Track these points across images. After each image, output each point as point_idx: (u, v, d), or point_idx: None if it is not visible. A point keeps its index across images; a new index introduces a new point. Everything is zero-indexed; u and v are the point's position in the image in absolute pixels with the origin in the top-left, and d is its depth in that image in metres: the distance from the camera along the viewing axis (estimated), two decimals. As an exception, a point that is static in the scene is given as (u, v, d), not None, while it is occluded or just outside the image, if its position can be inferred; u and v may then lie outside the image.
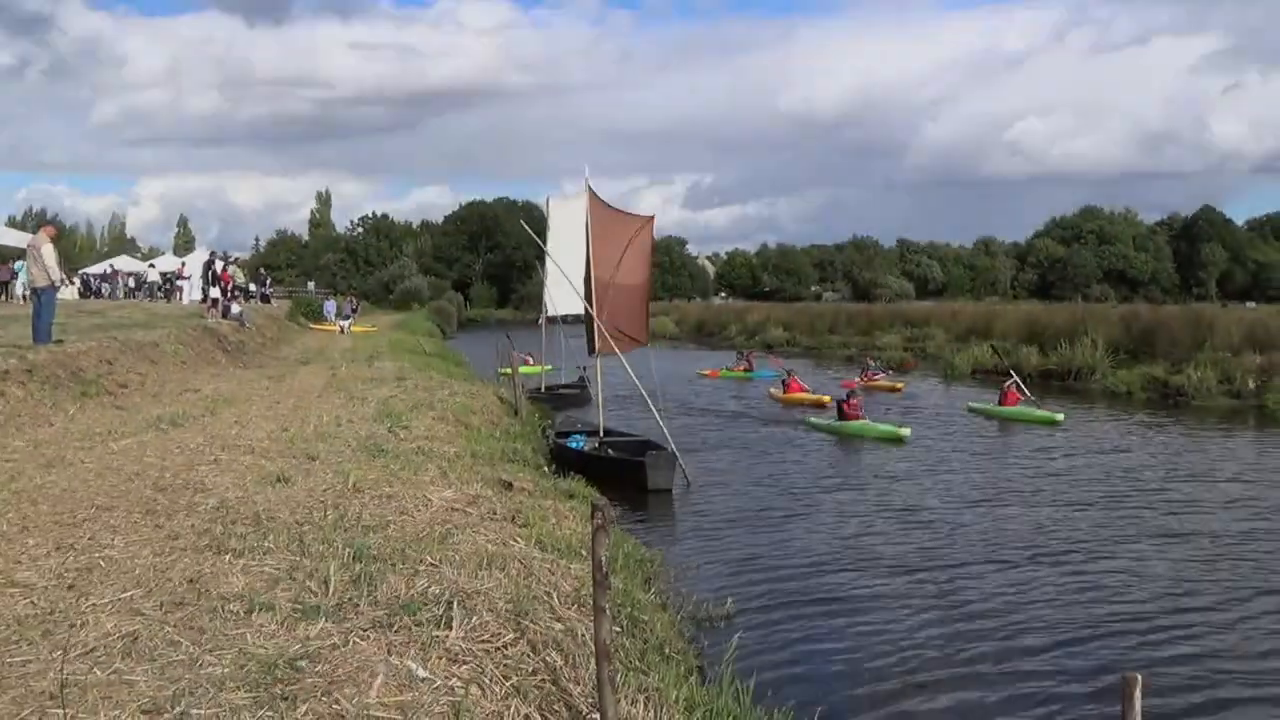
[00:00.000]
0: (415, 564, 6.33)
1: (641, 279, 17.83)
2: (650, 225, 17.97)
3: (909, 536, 12.02)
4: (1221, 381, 26.38)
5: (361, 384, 17.60)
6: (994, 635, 8.52)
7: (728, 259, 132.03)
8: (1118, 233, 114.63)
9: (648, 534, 11.80)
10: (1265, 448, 18.91)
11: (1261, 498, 14.09)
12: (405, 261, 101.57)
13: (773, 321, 59.92)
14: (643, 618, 7.14)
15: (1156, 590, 9.85)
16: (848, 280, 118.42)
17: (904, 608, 9.25)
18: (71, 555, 6.17)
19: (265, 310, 38.24)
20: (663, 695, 5.44)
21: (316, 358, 26.30)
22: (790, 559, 11.00)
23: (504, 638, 5.29)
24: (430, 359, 29.31)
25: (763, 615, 9.02)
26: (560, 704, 4.81)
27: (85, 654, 4.61)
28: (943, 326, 46.89)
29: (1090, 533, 12.14)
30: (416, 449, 11.11)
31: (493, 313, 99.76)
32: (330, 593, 5.63)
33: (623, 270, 17.09)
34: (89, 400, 13.15)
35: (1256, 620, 8.99)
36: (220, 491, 8.12)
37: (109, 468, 8.99)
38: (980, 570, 10.51)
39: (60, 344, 15.29)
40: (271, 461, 9.57)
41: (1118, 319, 34.72)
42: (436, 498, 8.61)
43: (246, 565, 6.07)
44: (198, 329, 23.16)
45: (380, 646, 4.87)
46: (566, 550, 7.80)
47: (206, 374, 19.01)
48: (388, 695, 4.33)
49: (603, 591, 4.55)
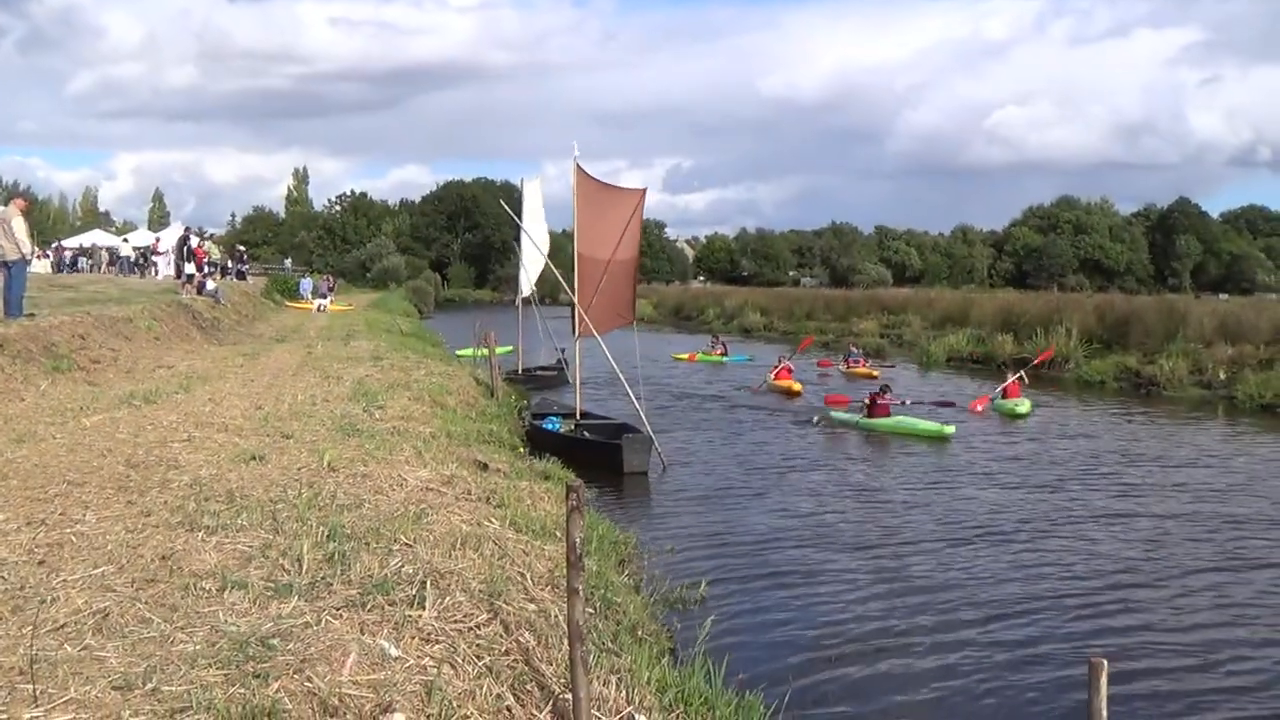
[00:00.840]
0: (389, 543, 6.33)
1: (631, 254, 17.59)
2: (643, 199, 17.49)
3: (879, 519, 12.11)
4: (1193, 372, 26.61)
5: (337, 363, 17.53)
6: (963, 617, 8.61)
7: (706, 243, 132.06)
8: (1094, 223, 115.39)
9: (622, 516, 11.84)
10: (1231, 438, 19.13)
11: (1223, 485, 14.26)
12: (383, 241, 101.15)
13: (751, 306, 60.00)
14: (616, 599, 7.18)
15: (1119, 573, 9.97)
16: (825, 266, 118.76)
17: (875, 589, 9.34)
18: (42, 531, 6.13)
19: (240, 287, 37.96)
20: (635, 676, 5.47)
21: (292, 336, 26.16)
22: (763, 541, 11.06)
23: (477, 618, 5.30)
24: (407, 339, 29.20)
25: (736, 597, 9.08)
26: (532, 684, 4.83)
27: (55, 630, 4.59)
28: (919, 314, 47.05)
29: (1053, 515, 12.25)
30: (392, 429, 11.09)
31: (470, 293, 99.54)
32: (303, 571, 5.63)
33: (622, 247, 16.86)
34: (61, 375, 13.03)
35: (1218, 601, 9.12)
36: (193, 469, 8.08)
37: (81, 443, 8.93)
38: (951, 553, 10.60)
39: (32, 318, 15.13)
40: (245, 439, 9.53)
41: (1092, 309, 34.91)
42: (411, 477, 8.60)
43: (219, 543, 6.05)
44: (172, 305, 22.98)
45: (353, 625, 4.87)
46: (541, 531, 7.83)
47: (180, 350, 18.87)
48: (360, 674, 4.34)
49: (576, 573, 4.57)
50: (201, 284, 29.51)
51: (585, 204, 16.65)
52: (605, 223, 16.82)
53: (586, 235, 16.78)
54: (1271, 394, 22.96)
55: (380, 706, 4.10)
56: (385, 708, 4.09)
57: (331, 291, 47.54)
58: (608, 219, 16.85)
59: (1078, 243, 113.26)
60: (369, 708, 4.08)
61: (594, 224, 16.78)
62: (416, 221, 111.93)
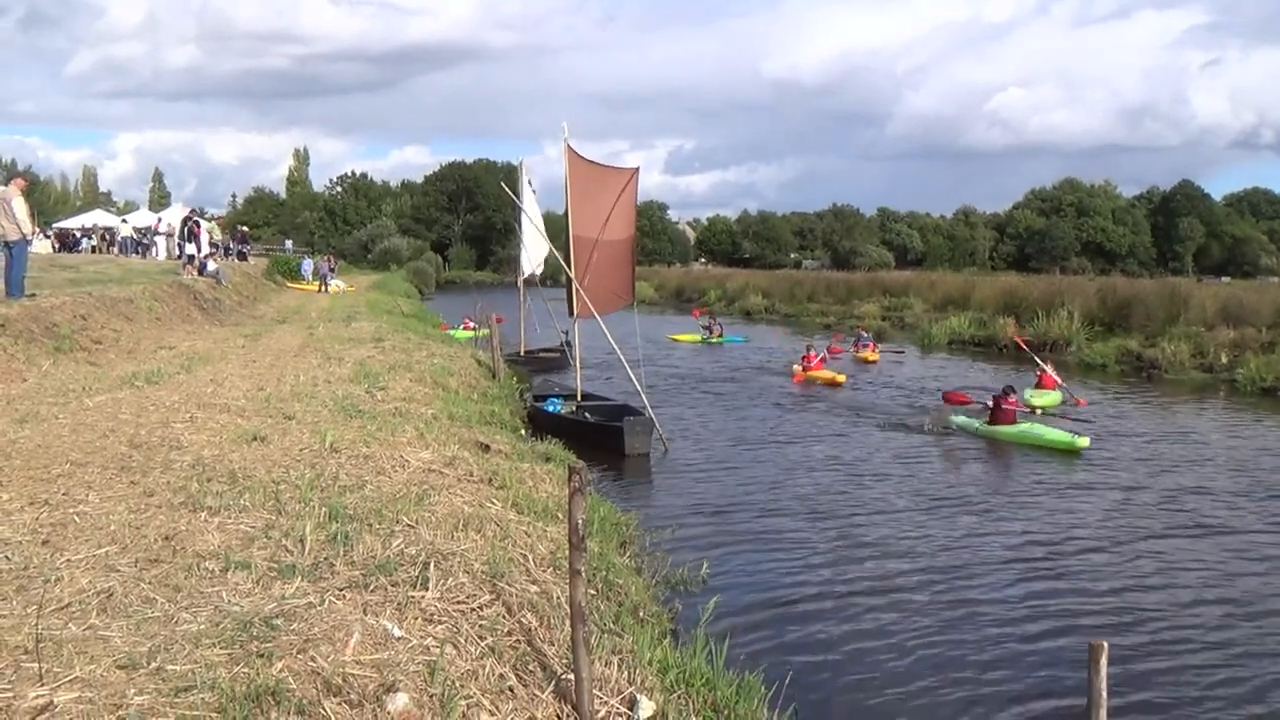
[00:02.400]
0: (392, 524, 6.34)
1: (627, 234, 17.55)
2: (635, 178, 17.53)
3: (883, 499, 12.11)
4: (1194, 355, 26.61)
5: (339, 344, 17.53)
6: (966, 596, 8.65)
7: (708, 225, 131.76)
8: (1096, 205, 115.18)
9: (624, 498, 11.86)
10: (1232, 420, 19.13)
11: (1224, 466, 14.27)
12: (384, 222, 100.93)
13: (752, 288, 59.89)
14: (618, 581, 7.19)
15: (1121, 555, 10.00)
16: (827, 248, 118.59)
17: (877, 572, 9.36)
18: (46, 511, 6.15)
19: (242, 268, 37.92)
20: (637, 657, 5.50)
21: (293, 317, 26.16)
22: (765, 522, 11.09)
23: (480, 599, 5.32)
24: (408, 320, 29.18)
25: (738, 578, 9.11)
26: (535, 664, 4.86)
27: (60, 609, 4.61)
28: (921, 296, 47.00)
29: (1060, 499, 12.28)
30: (394, 410, 11.10)
31: (471, 274, 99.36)
32: (306, 552, 5.64)
33: (610, 226, 16.89)
34: (63, 356, 13.04)
35: (1218, 587, 9.14)
36: (196, 449, 8.09)
37: (83, 424, 8.94)
38: (952, 532, 10.62)
39: (33, 298, 15.13)
40: (248, 420, 9.54)
41: (1094, 292, 34.89)
42: (414, 459, 8.61)
43: (222, 523, 6.07)
44: (173, 286, 22.95)
45: (356, 606, 4.89)
46: (543, 513, 7.85)
47: (182, 331, 18.88)
48: (363, 654, 4.35)
49: (578, 554, 4.59)
50: (203, 265, 29.47)
51: (577, 184, 16.64)
52: (596, 204, 16.83)
53: (580, 215, 16.75)
54: (1273, 377, 22.96)
55: (383, 686, 4.12)
56: (388, 687, 4.11)
57: (333, 272, 47.49)
58: (599, 199, 16.85)
59: (1080, 225, 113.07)
60: (372, 687, 4.10)
61: (586, 204, 16.76)
62: (417, 202, 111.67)
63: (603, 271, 16.91)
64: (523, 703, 4.52)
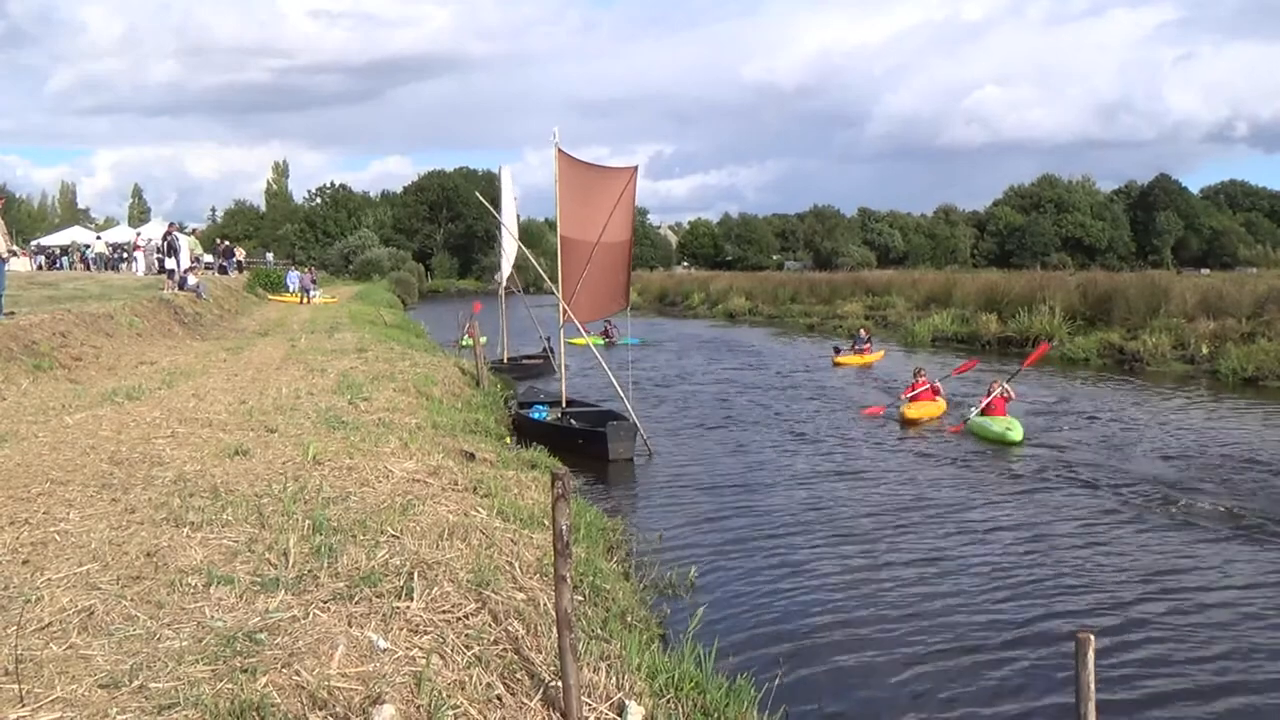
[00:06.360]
0: (376, 535, 6.31)
1: (625, 236, 17.05)
2: (634, 178, 16.84)
3: (867, 501, 12.13)
4: (1175, 347, 26.76)
5: (321, 356, 17.46)
6: (952, 600, 8.65)
7: (690, 228, 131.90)
8: (1075, 201, 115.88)
9: (609, 503, 11.83)
10: (1213, 409, 19.24)
11: (1207, 454, 14.34)
12: (365, 233, 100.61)
13: (735, 290, 59.98)
14: (604, 586, 7.17)
15: (1107, 547, 10.03)
16: (809, 249, 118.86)
17: (864, 572, 9.36)
18: (26, 530, 6.09)
19: (223, 281, 37.75)
20: (625, 662, 5.48)
21: (275, 329, 26.05)
22: (751, 526, 11.07)
23: (465, 608, 5.29)
24: (391, 330, 29.09)
25: (724, 582, 9.09)
26: (522, 672, 4.83)
27: (41, 629, 4.57)
28: (903, 295, 47.10)
29: (1043, 493, 12.32)
30: (377, 421, 11.06)
31: (454, 283, 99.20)
32: (290, 565, 5.61)
33: (610, 229, 16.45)
34: (42, 374, 12.94)
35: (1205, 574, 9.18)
36: (178, 465, 8.04)
37: (63, 441, 8.87)
38: (939, 534, 10.62)
39: (12, 316, 15.02)
40: (230, 434, 9.48)
41: (1075, 286, 34.99)
42: (397, 469, 8.58)
43: (205, 538, 6.03)
44: (153, 301, 22.84)
45: (341, 618, 4.86)
46: (528, 520, 7.82)
47: (163, 346, 18.77)
48: (349, 666, 4.33)
49: (564, 560, 4.57)
50: (183, 279, 29.32)
51: (569, 187, 16.37)
52: (591, 205, 16.41)
53: (571, 218, 16.45)
54: (1253, 367, 23.12)
55: (369, 698, 4.09)
56: (375, 699, 4.08)
57: (315, 285, 47.37)
58: (595, 201, 16.43)
59: (1060, 221, 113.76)
60: (358, 700, 4.07)
61: (579, 207, 16.40)
62: (398, 213, 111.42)
63: (599, 275, 16.64)
64: (511, 711, 4.50)
